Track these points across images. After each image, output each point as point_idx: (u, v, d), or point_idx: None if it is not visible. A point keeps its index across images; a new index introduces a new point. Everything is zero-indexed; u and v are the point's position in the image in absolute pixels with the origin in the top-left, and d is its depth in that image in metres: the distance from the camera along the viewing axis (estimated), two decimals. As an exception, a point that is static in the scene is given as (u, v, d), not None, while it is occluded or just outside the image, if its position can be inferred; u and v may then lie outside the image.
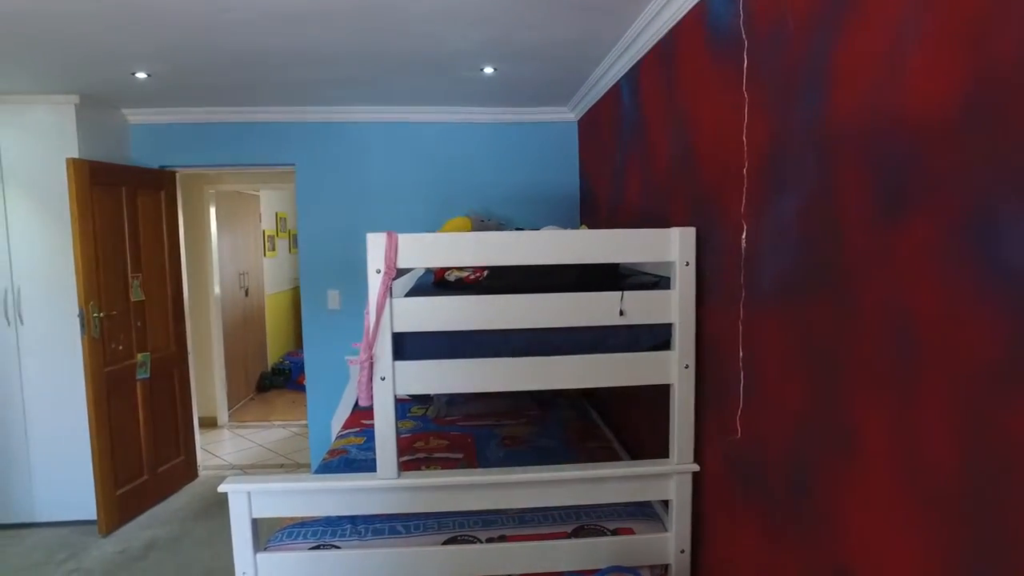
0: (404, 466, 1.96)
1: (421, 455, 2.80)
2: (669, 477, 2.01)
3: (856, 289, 1.22)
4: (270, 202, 7.02)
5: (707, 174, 1.95)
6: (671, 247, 1.93)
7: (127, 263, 3.81)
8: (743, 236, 1.68)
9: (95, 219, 3.54)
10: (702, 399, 1.98)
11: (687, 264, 1.93)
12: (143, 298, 3.91)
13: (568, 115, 4.09)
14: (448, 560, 1.98)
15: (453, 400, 3.40)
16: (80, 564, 3.31)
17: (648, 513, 2.21)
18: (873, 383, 1.18)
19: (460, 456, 2.78)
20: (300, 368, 6.60)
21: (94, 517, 3.62)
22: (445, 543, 2.04)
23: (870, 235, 1.18)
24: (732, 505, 1.81)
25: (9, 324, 3.65)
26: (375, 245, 1.78)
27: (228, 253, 5.88)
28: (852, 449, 1.25)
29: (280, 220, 7.34)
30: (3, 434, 3.70)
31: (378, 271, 1.78)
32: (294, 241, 7.67)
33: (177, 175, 4.26)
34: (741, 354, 1.71)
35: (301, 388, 6.35)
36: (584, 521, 2.16)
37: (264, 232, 6.86)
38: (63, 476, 3.70)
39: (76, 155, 3.51)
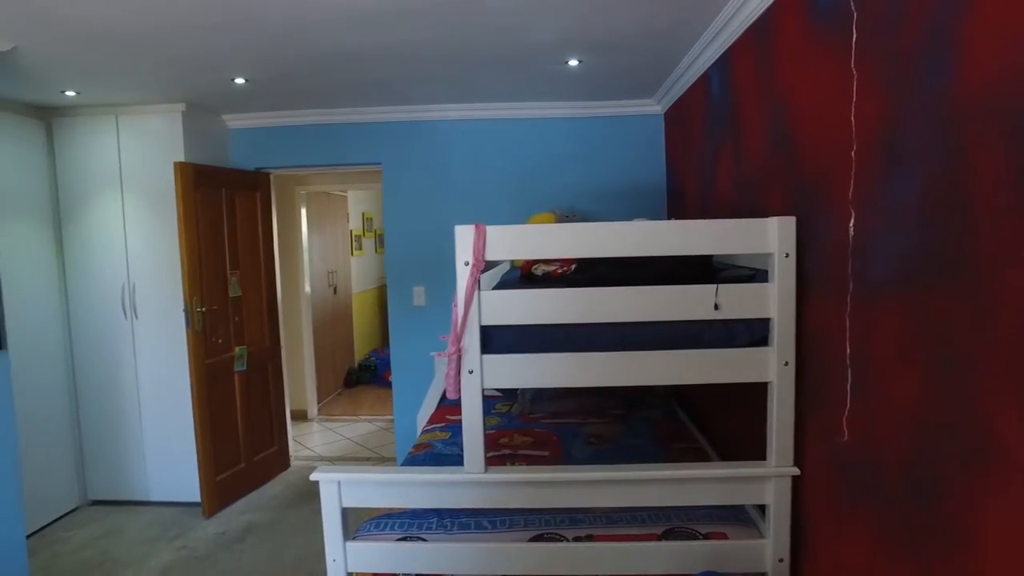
0: (489, 462, 1.94)
1: (506, 452, 2.79)
2: (766, 480, 1.90)
3: (994, 277, 1.10)
4: (357, 202, 7.24)
5: (808, 160, 1.84)
6: (769, 238, 1.83)
7: (226, 260, 4.01)
8: (851, 224, 1.57)
9: (198, 219, 3.75)
10: (802, 398, 1.87)
11: (787, 255, 1.82)
12: (240, 294, 4.11)
13: (654, 107, 3.99)
14: (534, 557, 1.95)
15: (538, 397, 3.38)
16: (187, 543, 3.51)
17: (742, 518, 2.11)
18: (1017, 383, 1.06)
19: (545, 453, 2.75)
20: (386, 364, 6.76)
21: (198, 500, 3.84)
22: (531, 540, 2.01)
23: (1011, 217, 1.06)
24: (838, 512, 1.69)
25: (126, 317, 3.92)
26: (463, 237, 1.77)
27: (318, 252, 6.10)
28: (991, 457, 1.12)
29: (367, 220, 7.55)
30: (122, 418, 3.98)
31: (466, 263, 1.77)
32: (380, 241, 7.88)
33: (271, 176, 4.45)
34: (848, 350, 1.60)
35: (387, 384, 6.50)
36: (674, 523, 2.08)
37: (352, 232, 7.07)
38: (171, 460, 3.94)
39: (182, 159, 3.73)
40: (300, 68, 3.10)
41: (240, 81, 3.29)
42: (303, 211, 5.65)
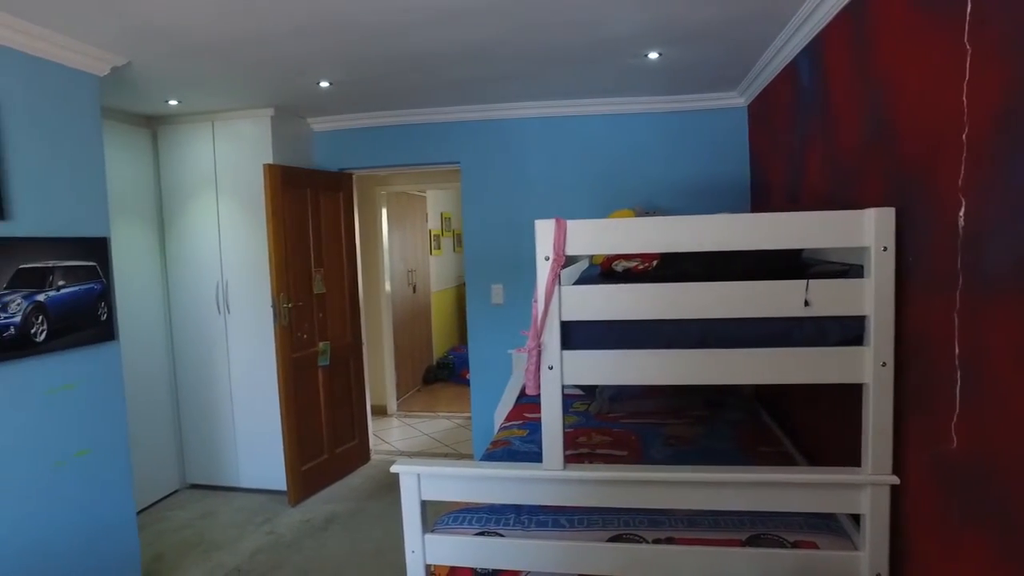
0: (567, 460, 1.92)
1: (584, 450, 2.76)
2: (861, 488, 1.79)
3: None
4: (436, 202, 7.36)
5: (910, 146, 1.72)
6: (865, 230, 1.72)
7: (311, 258, 4.16)
8: (960, 213, 1.45)
9: (285, 218, 3.90)
10: (902, 402, 1.75)
11: (884, 249, 1.71)
12: (324, 291, 4.25)
13: (737, 100, 3.86)
14: (613, 557, 1.92)
15: (616, 396, 3.33)
16: (274, 528, 3.66)
17: (833, 527, 1.99)
18: None
19: (624, 453, 2.70)
20: (463, 363, 6.85)
21: (284, 488, 4.00)
22: (609, 540, 1.98)
23: None
24: (945, 526, 1.57)
25: (219, 313, 4.14)
26: (544, 232, 1.76)
27: (397, 251, 6.24)
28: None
29: (445, 220, 7.67)
30: (216, 408, 4.20)
31: (547, 258, 1.76)
32: (458, 240, 7.99)
33: (353, 177, 4.59)
34: (957, 351, 1.48)
35: (464, 382, 6.58)
36: (759, 530, 1.99)
37: (430, 231, 7.20)
38: (260, 449, 4.13)
39: (271, 161, 3.90)
40: (381, 70, 3.17)
41: (325, 84, 3.40)
42: (383, 211, 5.80)
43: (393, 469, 1.99)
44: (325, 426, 4.27)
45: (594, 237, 1.82)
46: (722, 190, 3.93)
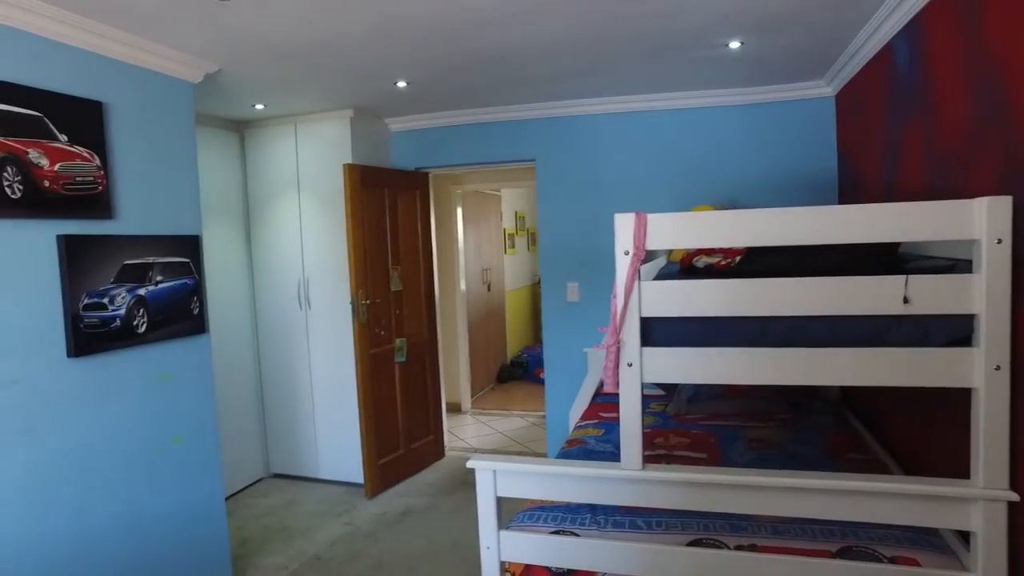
0: (644, 460, 1.87)
1: (661, 451, 2.69)
2: (972, 503, 1.65)
3: None
4: (510, 201, 7.38)
5: (1029, 131, 1.58)
6: (975, 222, 1.58)
7: (388, 256, 4.24)
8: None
9: (364, 217, 4.00)
10: (1018, 409, 1.61)
11: (998, 241, 1.57)
12: (401, 288, 4.33)
13: (824, 90, 3.67)
14: (692, 562, 1.85)
15: (695, 397, 3.23)
16: (352, 519, 3.76)
17: (936, 544, 1.86)
18: None
19: (703, 455, 2.62)
20: (537, 362, 6.84)
21: (361, 481, 4.11)
22: (689, 544, 1.91)
23: None
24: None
25: (301, 309, 4.28)
26: (623, 226, 1.72)
27: (472, 250, 6.30)
28: None
29: (519, 219, 7.69)
30: (297, 401, 4.36)
31: (626, 253, 1.71)
32: (533, 239, 7.99)
33: (430, 176, 4.65)
34: (1085, 353, 1.34)
35: (538, 381, 6.57)
36: (852, 541, 1.88)
37: (505, 230, 7.23)
38: (338, 442, 4.25)
39: (350, 161, 4.00)
40: (456, 68, 3.20)
41: (402, 84, 3.46)
42: (459, 210, 5.86)
43: (469, 464, 1.99)
44: (401, 421, 4.35)
45: (675, 231, 1.76)
46: (807, 184, 3.75)
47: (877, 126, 2.88)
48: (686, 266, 2.19)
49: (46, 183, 2.21)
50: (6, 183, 2.10)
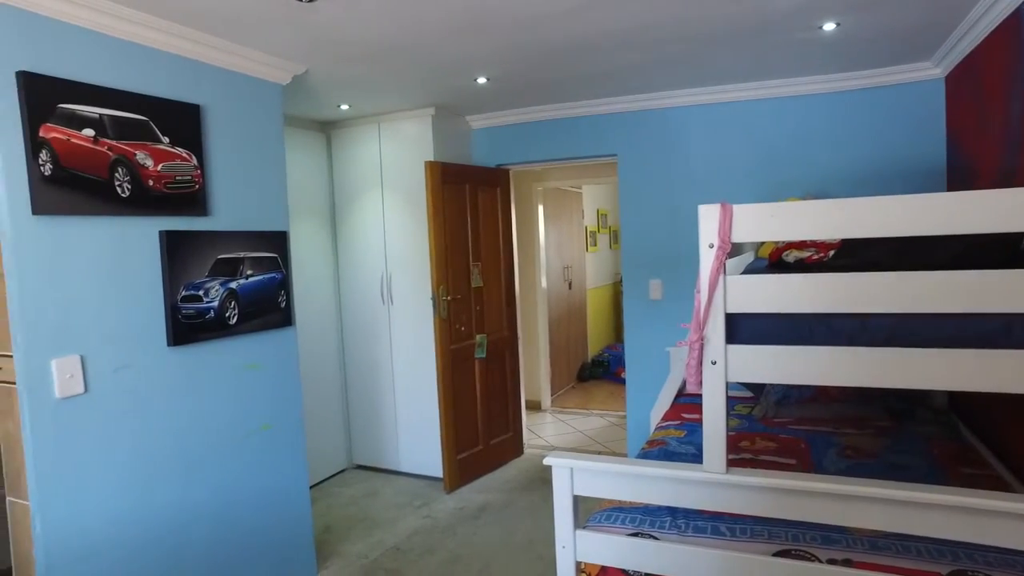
0: (728, 464, 1.77)
1: (747, 455, 2.57)
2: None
3: None
4: (592, 198, 7.30)
5: None
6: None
7: (469, 253, 4.27)
8: None
9: (445, 213, 4.04)
10: None
11: None
12: (481, 285, 4.35)
13: (931, 71, 3.40)
14: (780, 574, 1.74)
15: (784, 399, 3.07)
16: (431, 512, 3.81)
17: (1063, 570, 1.67)
18: None
19: (792, 461, 2.48)
20: (618, 361, 6.74)
21: (440, 475, 4.15)
22: (775, 555, 1.80)
23: None
24: None
25: (383, 304, 4.38)
26: (708, 218, 1.63)
27: (553, 247, 6.26)
28: None
29: (601, 216, 7.59)
30: (379, 394, 4.46)
31: (711, 246, 1.63)
32: (614, 237, 7.87)
33: (510, 172, 4.65)
34: None
35: (619, 380, 6.47)
36: (965, 565, 1.71)
37: (586, 228, 7.15)
38: (419, 436, 4.32)
39: (432, 158, 4.05)
40: (536, 62, 3.17)
41: (482, 80, 3.46)
42: (540, 207, 5.84)
43: (546, 461, 1.96)
44: (480, 417, 4.37)
45: (763, 222, 1.66)
46: (910, 174, 3.49)
47: (997, 107, 2.63)
48: (775, 261, 2.08)
49: (150, 182, 2.35)
50: (117, 183, 2.24)
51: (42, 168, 2.03)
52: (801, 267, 1.98)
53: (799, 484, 1.68)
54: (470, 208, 4.28)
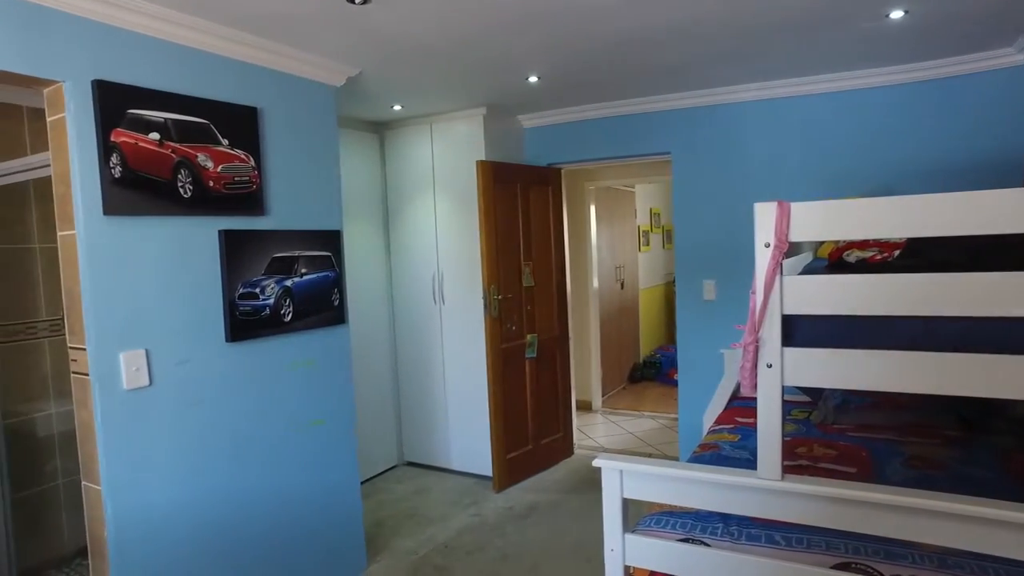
0: (785, 470, 1.71)
1: (803, 462, 2.48)
2: None
3: None
4: (645, 197, 7.20)
5: None
6: None
7: (520, 252, 4.26)
8: None
9: (496, 213, 4.05)
10: None
11: None
12: (532, 284, 4.34)
13: (1014, 57, 3.21)
14: (840, 588, 1.67)
15: (843, 405, 2.95)
16: (480, 511, 3.82)
17: None
18: None
19: (852, 470, 2.38)
20: (670, 362, 6.63)
21: (490, 474, 4.16)
22: (834, 567, 1.73)
23: None
24: None
25: (435, 303, 4.42)
26: (764, 216, 1.58)
27: (605, 247, 6.20)
28: None
29: (654, 215, 7.48)
30: (430, 393, 4.51)
31: (767, 245, 1.58)
32: (668, 236, 7.75)
33: (562, 171, 4.63)
34: None
35: (671, 382, 6.36)
36: (1043, 585, 1.61)
37: (639, 227, 7.06)
38: (469, 434, 4.34)
39: (483, 158, 4.07)
40: (588, 59, 3.14)
41: (533, 79, 3.45)
42: (592, 206, 5.79)
43: (596, 463, 1.94)
44: (531, 417, 4.37)
45: (822, 220, 1.59)
46: (986, 169, 3.31)
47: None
48: (835, 261, 1.99)
49: (211, 183, 2.42)
50: (180, 184, 2.33)
51: (112, 171, 2.13)
52: (863, 267, 1.90)
53: (861, 494, 1.60)
54: (521, 208, 4.28)
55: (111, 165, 2.12)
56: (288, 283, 2.73)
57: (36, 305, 3.12)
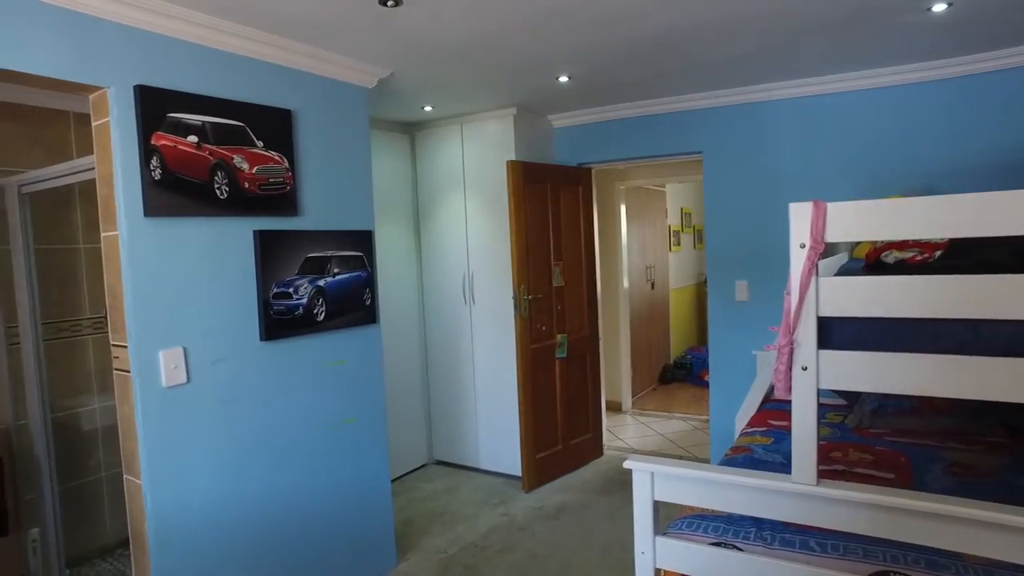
0: (819, 475, 1.68)
1: (839, 467, 2.42)
2: None
3: None
4: (675, 197, 7.14)
5: None
6: None
7: (550, 252, 4.26)
8: None
9: (526, 213, 4.05)
10: None
11: None
12: (562, 284, 4.33)
13: (1062, 53, 3.10)
14: (878, 598, 1.64)
15: (881, 409, 2.88)
16: (508, 511, 3.83)
17: None
18: None
19: (890, 476, 2.32)
20: (701, 363, 6.56)
21: (519, 474, 4.17)
22: None
23: None
24: None
25: (465, 303, 4.44)
26: (799, 216, 1.55)
27: (636, 247, 6.16)
28: None
29: (685, 215, 7.40)
30: (460, 392, 4.53)
31: (802, 246, 1.55)
32: (699, 236, 7.67)
33: (592, 171, 4.61)
34: None
35: (701, 383, 6.30)
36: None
37: (670, 227, 7.00)
38: (498, 434, 4.35)
39: (513, 158, 4.07)
40: (619, 58, 3.12)
41: (564, 79, 3.44)
42: (622, 206, 5.76)
43: (626, 464, 1.93)
44: (560, 417, 4.36)
45: (860, 221, 1.55)
46: (1032, 167, 3.20)
47: None
48: (872, 262, 1.94)
49: (246, 184, 2.47)
50: (216, 185, 2.38)
51: (153, 173, 2.18)
52: (902, 268, 1.85)
53: (901, 501, 1.56)
54: (551, 207, 4.27)
55: (151, 167, 2.18)
56: (321, 283, 2.77)
57: (80, 303, 3.22)
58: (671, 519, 2.08)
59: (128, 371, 2.18)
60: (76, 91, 2.14)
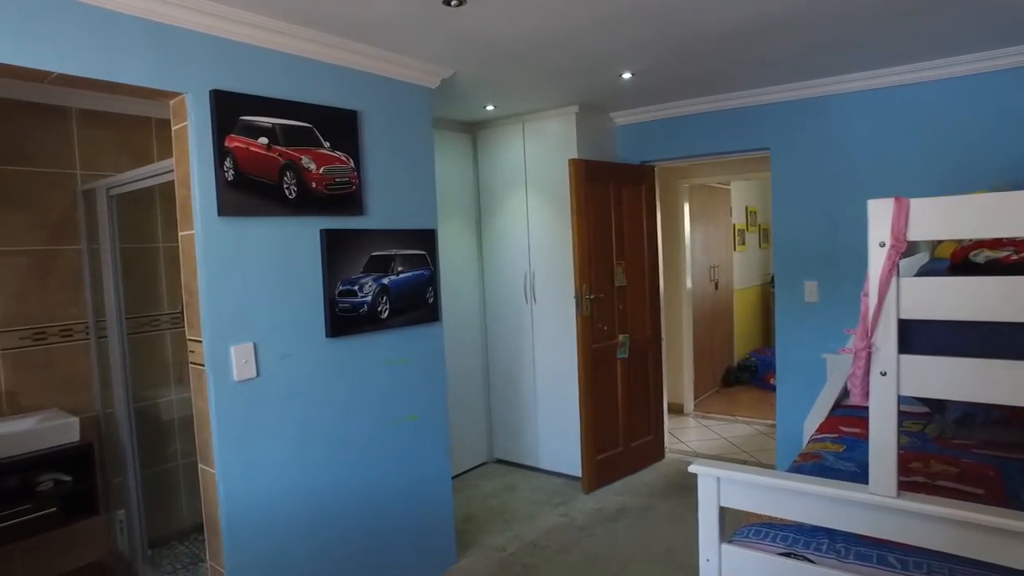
0: (900, 487, 1.59)
1: (919, 479, 2.30)
2: None
3: None
4: (740, 195, 6.94)
5: None
6: None
7: (612, 251, 4.21)
8: None
9: (588, 211, 4.01)
10: None
11: None
12: (624, 284, 4.27)
13: None
14: (963, 619, 1.54)
15: (966, 419, 2.72)
16: (568, 511, 3.80)
17: None
18: None
19: (978, 491, 2.18)
20: (766, 366, 6.36)
21: (579, 475, 4.13)
22: (957, 595, 1.59)
23: None
24: None
25: (526, 301, 4.44)
26: (879, 213, 1.47)
27: (699, 246, 6.03)
28: None
29: (750, 214, 7.19)
30: (520, 391, 4.53)
31: (882, 244, 1.47)
32: (764, 235, 7.44)
33: (655, 169, 4.53)
34: None
35: (766, 386, 6.11)
36: None
37: (734, 226, 6.81)
38: (558, 434, 4.33)
39: (575, 156, 4.04)
40: (683, 53, 3.05)
41: (627, 76, 3.39)
42: (686, 205, 5.64)
43: (691, 469, 1.88)
44: (621, 418, 4.30)
45: (946, 218, 1.47)
46: None
47: None
48: (958, 262, 1.83)
49: (313, 184, 2.53)
50: (285, 186, 2.45)
51: (226, 174, 2.26)
52: (993, 268, 1.73)
53: (994, 520, 1.45)
54: (614, 206, 4.22)
55: (225, 169, 2.26)
56: (385, 281, 2.81)
57: (159, 300, 3.37)
58: (735, 526, 2.02)
59: (203, 365, 2.27)
60: (158, 97, 2.24)
